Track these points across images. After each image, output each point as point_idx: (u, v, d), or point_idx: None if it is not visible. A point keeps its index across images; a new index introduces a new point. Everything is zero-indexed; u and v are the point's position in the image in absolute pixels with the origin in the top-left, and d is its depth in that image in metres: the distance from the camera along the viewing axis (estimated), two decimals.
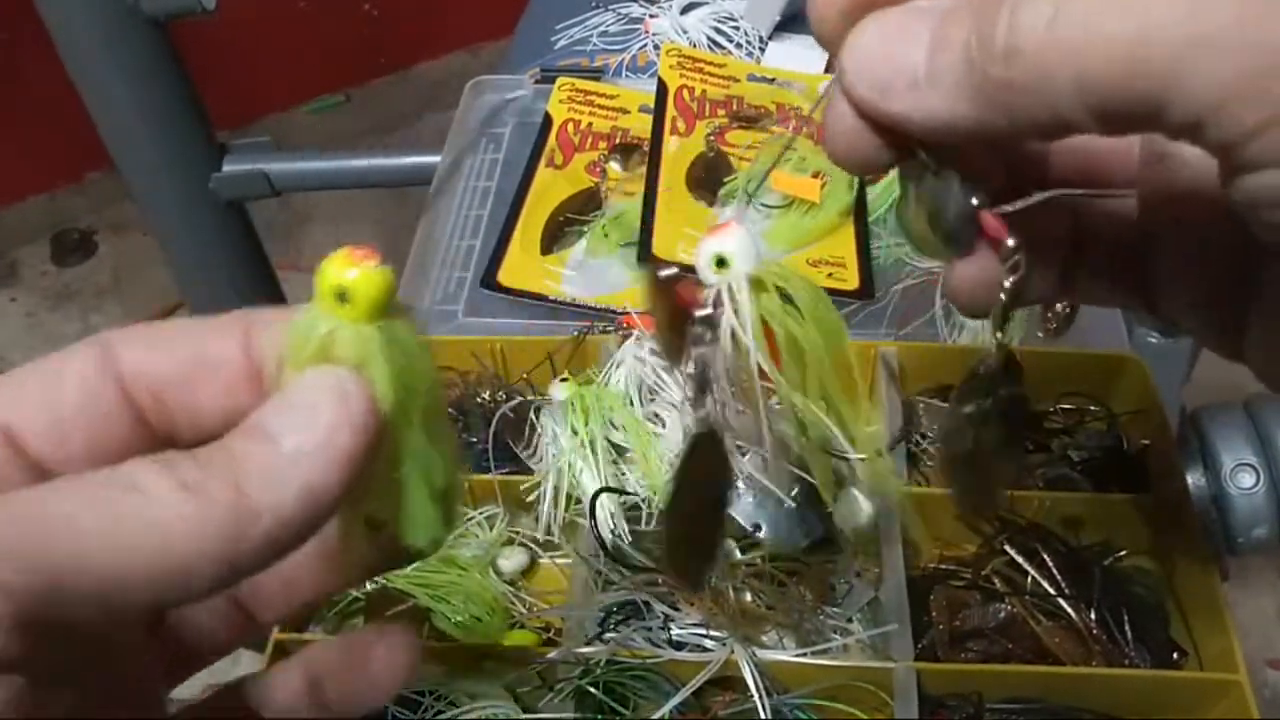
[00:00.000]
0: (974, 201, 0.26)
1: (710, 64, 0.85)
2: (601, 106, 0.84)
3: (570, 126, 0.82)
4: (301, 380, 0.23)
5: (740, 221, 0.28)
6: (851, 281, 0.70)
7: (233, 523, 0.21)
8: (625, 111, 0.83)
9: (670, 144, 0.78)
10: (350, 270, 0.24)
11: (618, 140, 0.81)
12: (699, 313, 0.29)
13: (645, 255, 0.71)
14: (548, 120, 0.83)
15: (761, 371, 0.29)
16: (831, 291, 0.68)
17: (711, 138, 0.78)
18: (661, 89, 0.82)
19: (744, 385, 0.28)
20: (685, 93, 0.82)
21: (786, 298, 0.29)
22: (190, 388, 0.25)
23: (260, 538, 0.21)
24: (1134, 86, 0.21)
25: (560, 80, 0.85)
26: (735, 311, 0.28)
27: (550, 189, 0.78)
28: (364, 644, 0.30)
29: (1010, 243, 0.26)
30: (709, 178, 0.76)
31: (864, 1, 0.25)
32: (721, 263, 0.28)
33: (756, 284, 0.29)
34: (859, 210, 0.73)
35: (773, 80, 0.84)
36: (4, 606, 0.19)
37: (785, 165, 0.73)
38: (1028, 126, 0.23)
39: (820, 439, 0.31)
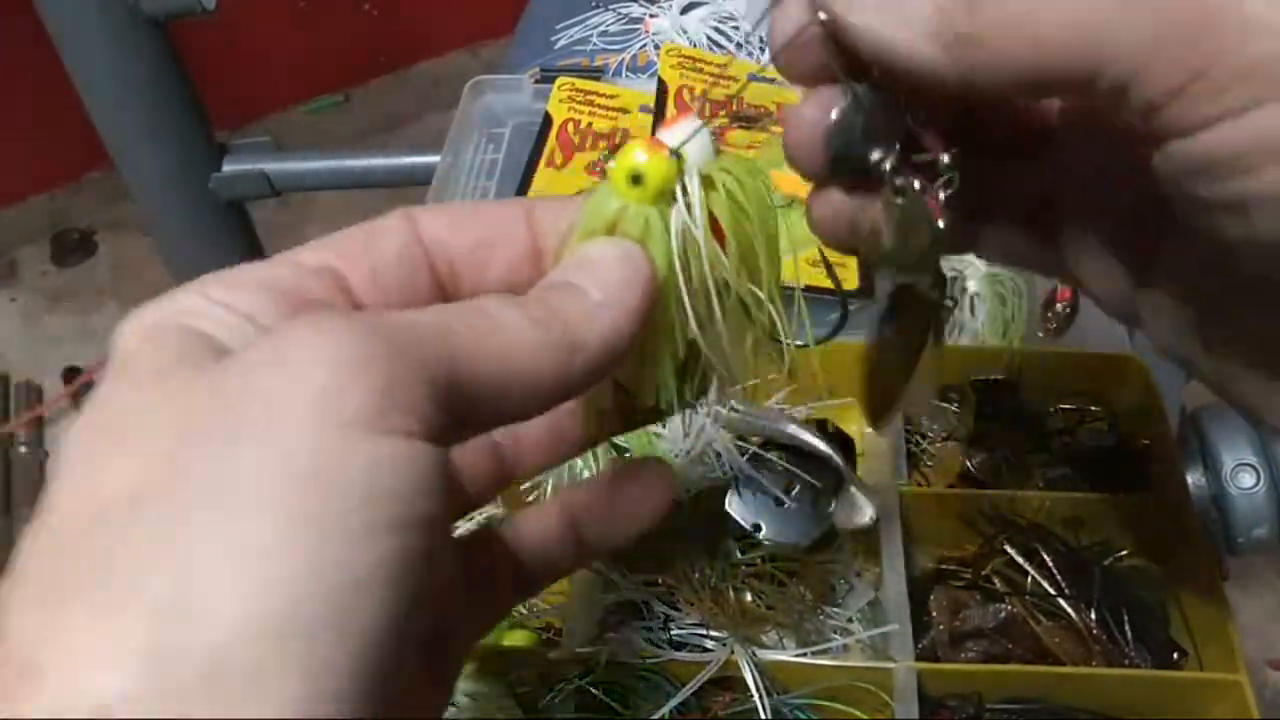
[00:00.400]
0: (909, 121, 0.28)
1: (711, 64, 0.85)
2: (602, 106, 0.84)
3: (570, 126, 0.82)
4: (595, 246, 0.27)
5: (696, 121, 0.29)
6: (851, 281, 0.70)
7: (566, 351, 0.25)
8: (625, 111, 0.83)
9: None
10: (644, 155, 0.27)
11: (618, 140, 0.81)
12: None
13: None
14: (547, 120, 0.82)
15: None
16: (832, 291, 0.68)
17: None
18: (661, 89, 0.82)
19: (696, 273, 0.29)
20: (686, 93, 0.81)
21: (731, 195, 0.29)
22: (481, 261, 0.29)
23: (580, 367, 0.25)
24: (1072, 52, 0.23)
25: (560, 80, 0.85)
26: (688, 206, 0.28)
27: (550, 189, 0.78)
28: (621, 482, 0.34)
29: (945, 158, 0.27)
30: None
31: None
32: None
33: (707, 182, 0.29)
34: None
35: (773, 80, 0.84)
36: (424, 389, 0.22)
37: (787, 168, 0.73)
38: (984, 84, 0.24)
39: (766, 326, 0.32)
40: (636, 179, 0.27)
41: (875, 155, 0.29)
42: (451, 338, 0.23)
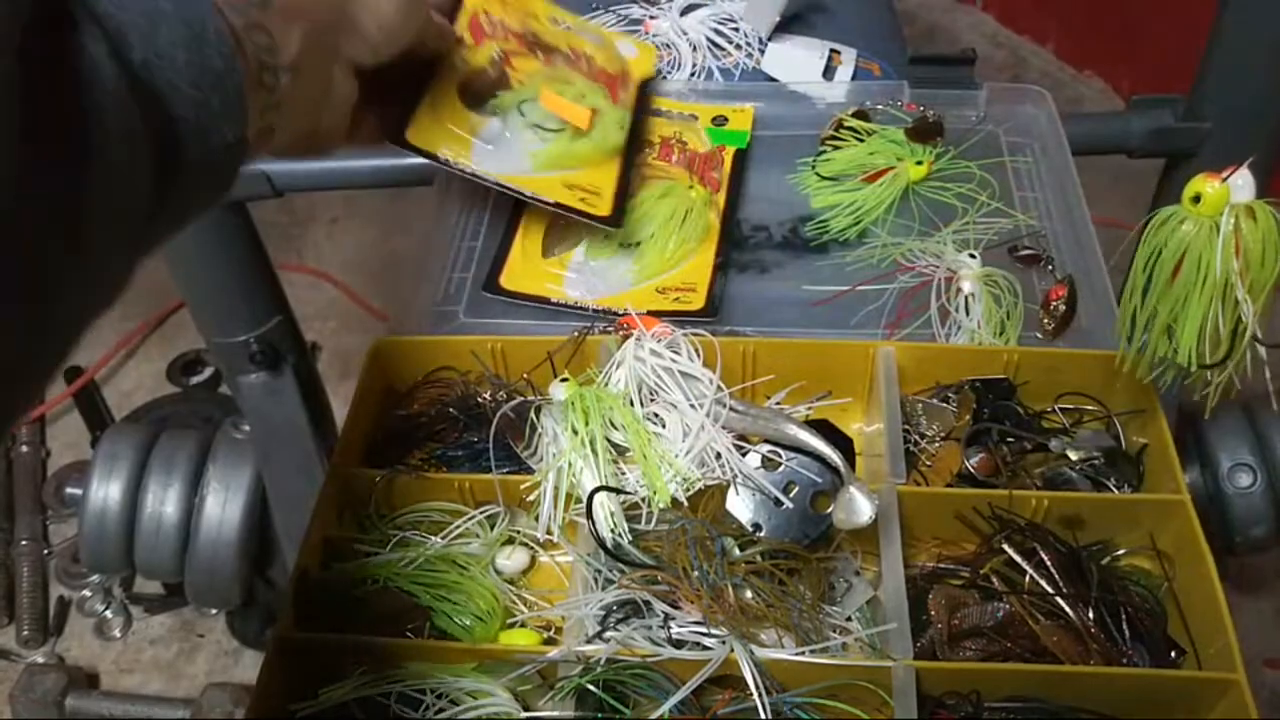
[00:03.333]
0: None
1: None
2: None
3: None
4: None
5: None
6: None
7: None
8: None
9: (457, 54, 0.74)
10: (1210, 186, 0.49)
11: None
12: None
13: (398, 139, 0.69)
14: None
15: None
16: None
17: (497, 56, 0.75)
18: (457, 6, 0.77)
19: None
20: (482, 15, 0.78)
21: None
22: None
23: None
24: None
25: None
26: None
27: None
28: None
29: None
30: (484, 91, 0.74)
31: None
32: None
33: (1247, 211, 0.48)
34: (628, 150, 0.74)
35: (569, 27, 0.82)
36: None
37: (564, 95, 0.74)
38: None
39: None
40: (1197, 199, 0.47)
41: None
42: None
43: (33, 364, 0.32)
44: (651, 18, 0.92)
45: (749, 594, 0.54)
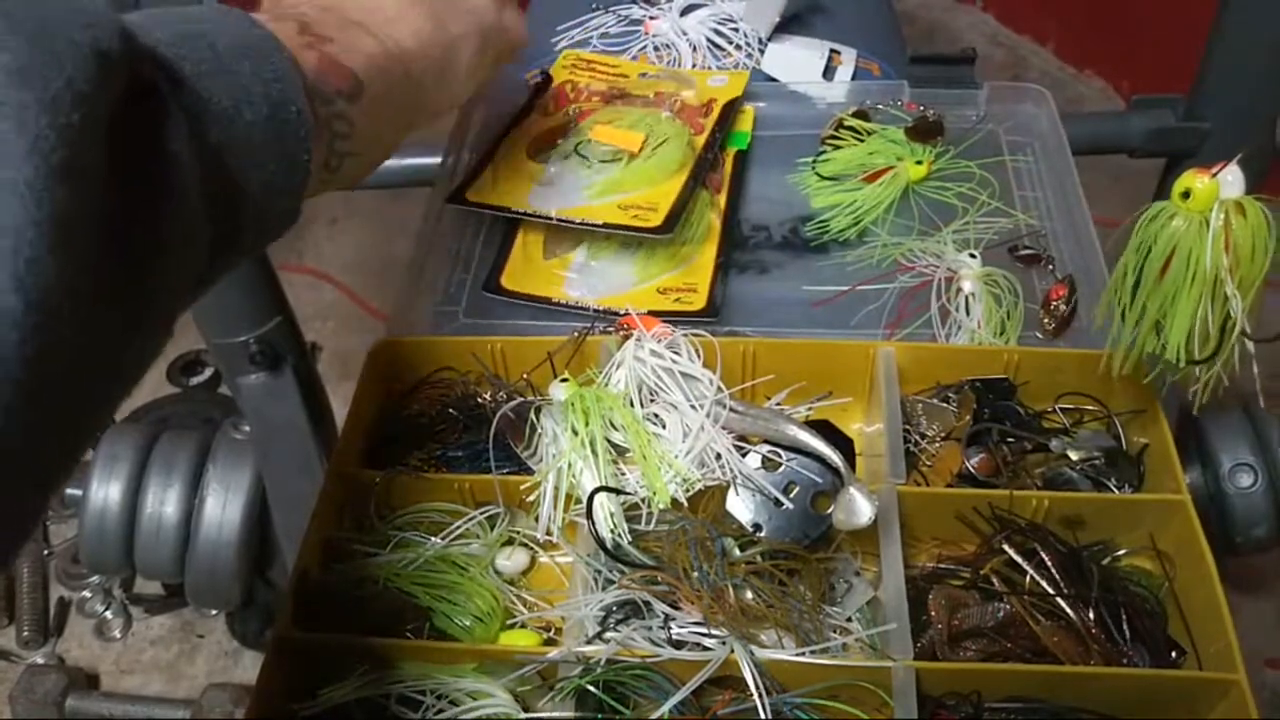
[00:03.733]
0: None
1: (604, 65, 0.87)
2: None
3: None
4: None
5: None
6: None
7: None
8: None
9: (533, 120, 0.81)
10: (1200, 182, 0.49)
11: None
12: None
13: (456, 198, 0.75)
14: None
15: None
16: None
17: (572, 113, 0.81)
18: (547, 81, 0.85)
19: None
20: (569, 86, 0.84)
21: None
22: None
23: None
24: None
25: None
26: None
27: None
28: None
29: None
30: (546, 143, 0.79)
31: None
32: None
33: (1237, 207, 0.48)
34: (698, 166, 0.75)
35: (658, 76, 0.85)
36: None
37: (617, 124, 0.77)
38: None
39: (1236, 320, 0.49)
40: (1186, 195, 0.47)
41: None
42: None
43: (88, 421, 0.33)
44: (651, 18, 0.92)
45: (749, 594, 0.54)
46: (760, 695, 0.50)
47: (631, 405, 0.58)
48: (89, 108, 0.29)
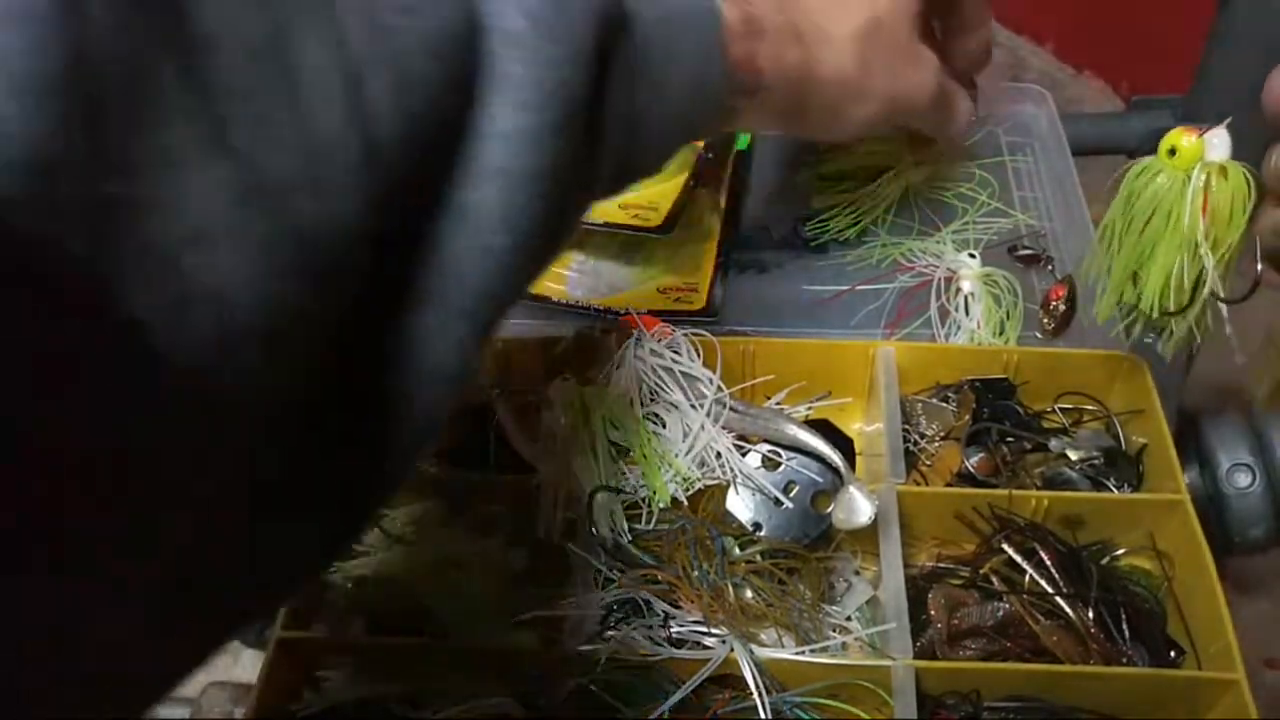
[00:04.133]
0: None
1: None
2: None
3: None
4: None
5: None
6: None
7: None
8: None
9: None
10: (1186, 140, 0.49)
11: None
12: None
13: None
14: None
15: None
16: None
17: None
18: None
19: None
20: None
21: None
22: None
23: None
24: None
25: None
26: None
27: None
28: None
29: None
30: None
31: None
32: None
33: (1220, 170, 0.48)
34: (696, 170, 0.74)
35: None
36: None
37: None
38: None
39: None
40: (1173, 152, 0.47)
41: None
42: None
43: None
44: None
45: (749, 593, 0.54)
46: (760, 694, 0.50)
47: (631, 405, 0.58)
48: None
